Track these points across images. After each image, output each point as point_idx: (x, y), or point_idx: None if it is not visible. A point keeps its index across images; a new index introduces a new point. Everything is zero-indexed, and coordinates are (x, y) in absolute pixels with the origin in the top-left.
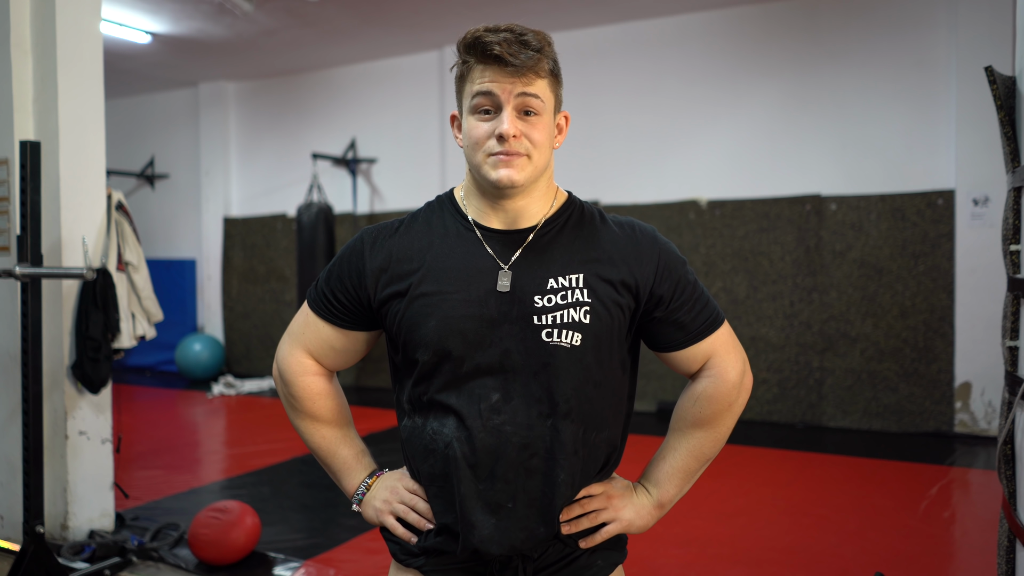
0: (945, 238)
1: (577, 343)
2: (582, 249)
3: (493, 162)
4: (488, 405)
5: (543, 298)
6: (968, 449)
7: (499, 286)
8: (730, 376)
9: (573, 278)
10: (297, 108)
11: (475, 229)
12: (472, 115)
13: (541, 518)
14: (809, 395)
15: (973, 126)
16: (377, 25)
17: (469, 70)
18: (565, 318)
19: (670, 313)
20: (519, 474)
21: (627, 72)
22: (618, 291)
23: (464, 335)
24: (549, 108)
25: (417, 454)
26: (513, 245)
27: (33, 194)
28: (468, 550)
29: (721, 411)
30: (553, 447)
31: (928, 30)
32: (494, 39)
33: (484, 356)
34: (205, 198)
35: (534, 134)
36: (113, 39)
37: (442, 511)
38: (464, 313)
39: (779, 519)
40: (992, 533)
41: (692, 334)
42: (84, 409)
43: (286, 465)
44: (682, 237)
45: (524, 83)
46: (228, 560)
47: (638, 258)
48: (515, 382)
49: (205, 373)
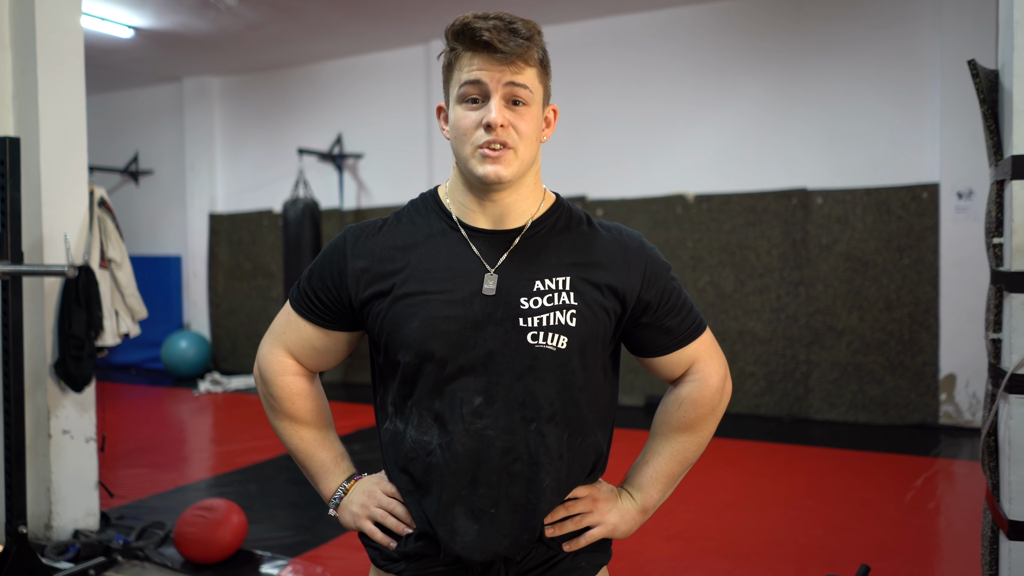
0: (930, 231)
1: (563, 346)
2: (569, 252)
3: (480, 157)
4: (471, 409)
5: (529, 300)
6: (953, 440)
7: (485, 289)
8: (713, 381)
9: (560, 280)
10: (283, 103)
11: (460, 228)
12: (459, 104)
13: (524, 524)
14: (796, 388)
15: (957, 120)
16: (363, 19)
17: (457, 58)
18: (551, 321)
19: (657, 319)
20: (502, 479)
21: (614, 66)
22: (604, 295)
23: (448, 336)
24: (538, 99)
25: (398, 459)
26: (500, 246)
27: (13, 191)
28: (450, 556)
29: (705, 415)
30: (537, 452)
31: (912, 24)
32: (483, 25)
33: (467, 358)
34: (190, 194)
35: (521, 125)
36: (95, 33)
37: (423, 517)
38: (448, 314)
39: (766, 512)
40: (976, 524)
41: (678, 339)
42: (67, 408)
43: (273, 462)
44: (669, 231)
45: (513, 71)
46: (214, 559)
47: (626, 263)
48: (498, 385)
49: (191, 370)
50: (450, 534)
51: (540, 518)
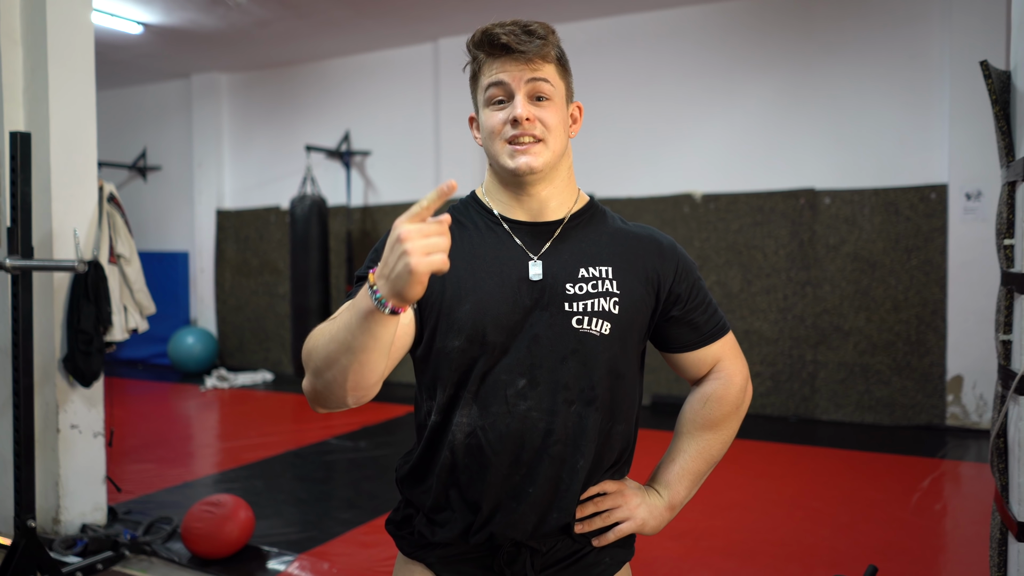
0: (938, 232)
1: (606, 332)
2: (609, 244)
3: (510, 151)
4: (515, 391)
5: (575, 286)
6: (959, 442)
7: (531, 275)
8: (738, 379)
9: (603, 269)
10: (291, 100)
11: (502, 223)
12: (487, 107)
13: (558, 504)
14: (802, 388)
15: (966, 121)
16: (371, 17)
17: (480, 65)
18: (595, 307)
19: (686, 313)
20: (542, 460)
21: (622, 66)
22: (643, 286)
23: (498, 319)
24: (560, 94)
25: (439, 445)
26: (542, 236)
27: (23, 186)
28: (484, 536)
29: (729, 413)
30: (576, 434)
31: (922, 25)
32: (501, 31)
33: (513, 341)
34: (198, 190)
35: (547, 117)
36: (105, 29)
37: (461, 498)
38: (498, 298)
39: (772, 512)
40: (983, 526)
41: (705, 336)
42: (76, 403)
43: (280, 459)
44: (676, 230)
45: (533, 68)
46: (222, 554)
47: (661, 257)
48: (542, 368)
49: (198, 366)
50: (491, 512)
51: (573, 499)
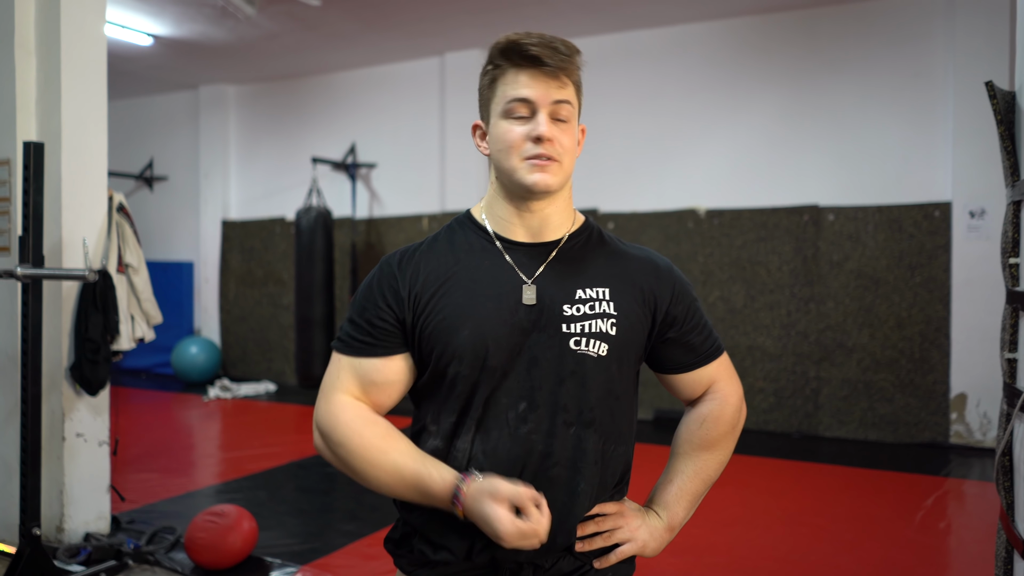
0: (941, 249)
1: (604, 353)
2: (606, 265)
3: (528, 167)
4: (516, 414)
5: (572, 307)
6: (963, 460)
7: (524, 299)
8: (733, 400)
9: (600, 290)
10: (297, 112)
11: (496, 242)
12: (504, 119)
13: (560, 527)
14: (805, 405)
15: (970, 138)
16: (379, 31)
17: (502, 74)
18: (593, 328)
19: (682, 335)
20: (541, 483)
21: (627, 81)
22: (639, 308)
23: (497, 343)
24: (575, 116)
25: None
26: (538, 257)
27: (35, 195)
28: (485, 559)
29: (726, 433)
30: (575, 456)
31: (925, 43)
32: (530, 42)
33: (514, 364)
34: (204, 201)
35: (564, 139)
36: (114, 40)
37: (463, 522)
38: (495, 322)
39: (775, 528)
40: (987, 544)
41: (700, 357)
42: (82, 411)
43: (283, 469)
44: (680, 246)
45: (558, 87)
46: (224, 564)
47: (658, 278)
48: (541, 390)
49: (201, 376)
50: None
51: (575, 522)
